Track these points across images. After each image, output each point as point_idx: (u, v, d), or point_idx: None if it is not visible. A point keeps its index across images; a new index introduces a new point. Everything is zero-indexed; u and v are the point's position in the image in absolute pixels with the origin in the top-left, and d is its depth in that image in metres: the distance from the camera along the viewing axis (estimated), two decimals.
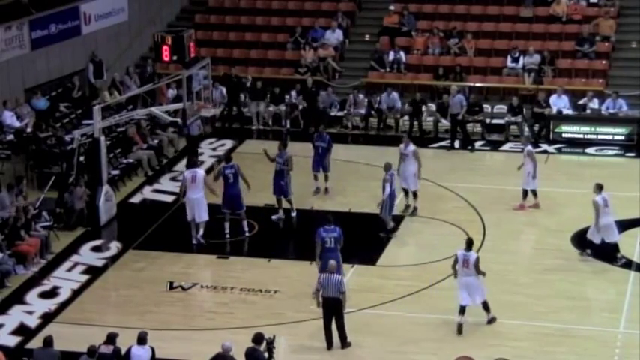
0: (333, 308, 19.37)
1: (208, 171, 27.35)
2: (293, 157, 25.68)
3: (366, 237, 24.62)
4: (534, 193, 25.51)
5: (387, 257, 23.54)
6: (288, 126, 32.31)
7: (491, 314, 20.25)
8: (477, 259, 19.93)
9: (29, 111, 29.87)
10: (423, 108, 31.62)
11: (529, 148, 25.83)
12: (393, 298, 21.50)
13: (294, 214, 25.55)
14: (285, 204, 25.53)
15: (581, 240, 23.30)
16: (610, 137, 30.24)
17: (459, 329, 19.90)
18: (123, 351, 17.73)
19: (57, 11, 31.97)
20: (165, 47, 25.33)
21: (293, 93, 32.60)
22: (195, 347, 19.74)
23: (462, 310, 19.92)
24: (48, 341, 17.92)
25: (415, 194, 25.50)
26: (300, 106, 32.31)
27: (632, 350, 19.49)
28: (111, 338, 17.83)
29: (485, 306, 20.16)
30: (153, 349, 17.77)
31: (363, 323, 20.53)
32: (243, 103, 32.74)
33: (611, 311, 20.87)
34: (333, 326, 19.46)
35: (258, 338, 17.51)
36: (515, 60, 33.08)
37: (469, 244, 20.13)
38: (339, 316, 19.45)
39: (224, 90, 32.31)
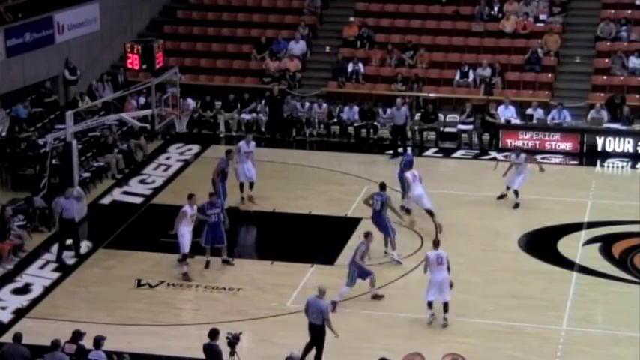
0: (314, 334, 18.52)
1: None
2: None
3: (325, 238, 24.67)
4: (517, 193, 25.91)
5: (344, 257, 23.52)
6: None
7: None
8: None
9: (4, 116, 29.65)
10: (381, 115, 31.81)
11: (524, 155, 26.17)
12: (350, 297, 21.53)
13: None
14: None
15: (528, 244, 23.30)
16: (555, 146, 30.42)
17: None
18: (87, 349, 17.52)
19: (32, 20, 31.76)
20: (134, 56, 25.23)
21: (264, 102, 32.53)
22: (161, 342, 19.68)
23: None
24: (17, 337, 17.72)
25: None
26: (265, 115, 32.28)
27: (573, 346, 19.67)
28: (75, 337, 17.61)
29: None
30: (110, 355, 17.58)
31: None
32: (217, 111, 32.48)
33: (555, 310, 21.01)
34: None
35: (213, 333, 17.46)
36: (464, 75, 33.26)
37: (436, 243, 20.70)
38: (318, 346, 18.50)
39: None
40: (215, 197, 23.29)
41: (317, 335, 18.49)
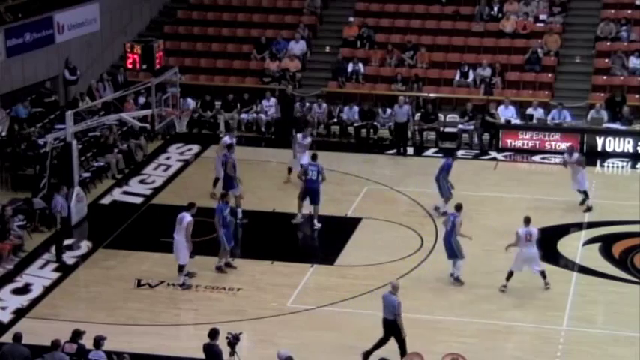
0: (388, 330, 18.74)
1: None
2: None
3: (325, 238, 24.68)
4: (586, 194, 26.06)
5: (344, 257, 23.58)
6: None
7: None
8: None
9: (4, 116, 29.65)
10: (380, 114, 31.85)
11: (577, 155, 26.53)
12: (350, 297, 21.55)
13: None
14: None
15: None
16: (555, 146, 30.40)
17: None
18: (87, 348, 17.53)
19: (32, 20, 31.75)
20: (134, 56, 25.24)
21: (264, 102, 32.54)
22: (161, 342, 19.68)
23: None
24: (17, 337, 17.72)
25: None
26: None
27: (574, 346, 19.67)
28: (75, 336, 17.62)
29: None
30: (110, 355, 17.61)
31: (322, 320, 20.59)
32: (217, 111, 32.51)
33: (555, 310, 21.02)
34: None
35: (213, 333, 17.46)
36: (464, 74, 33.25)
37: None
38: (399, 342, 18.63)
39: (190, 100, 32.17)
40: (228, 197, 23.39)
41: (390, 331, 18.61)
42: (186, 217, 22.00)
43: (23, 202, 25.40)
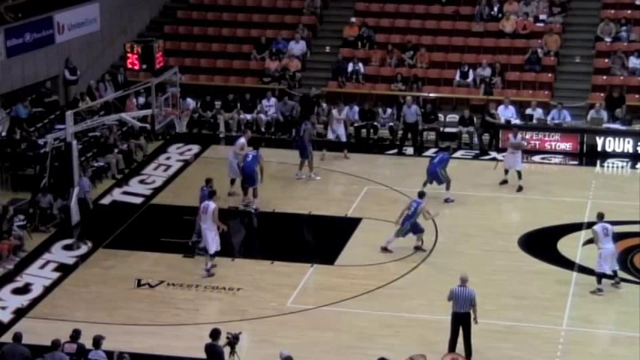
0: (462, 323, 18.81)
1: None
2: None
3: (325, 238, 24.67)
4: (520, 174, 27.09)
5: (344, 257, 23.57)
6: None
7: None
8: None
9: (4, 116, 29.66)
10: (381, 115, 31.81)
11: (520, 136, 27.56)
12: (350, 296, 21.55)
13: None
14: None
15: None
16: (555, 146, 30.40)
17: None
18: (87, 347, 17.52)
19: (32, 20, 31.75)
20: (134, 56, 25.24)
21: (264, 102, 32.54)
22: (161, 342, 19.68)
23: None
24: (17, 337, 17.72)
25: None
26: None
27: (574, 347, 19.66)
28: (74, 336, 17.60)
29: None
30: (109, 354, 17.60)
31: (322, 320, 20.59)
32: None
33: (555, 310, 21.01)
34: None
35: (215, 334, 17.46)
36: (464, 75, 33.24)
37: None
38: (467, 330, 18.90)
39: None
40: (212, 182, 24.12)
41: (464, 324, 18.76)
42: (211, 205, 22.32)
43: (28, 202, 25.38)
